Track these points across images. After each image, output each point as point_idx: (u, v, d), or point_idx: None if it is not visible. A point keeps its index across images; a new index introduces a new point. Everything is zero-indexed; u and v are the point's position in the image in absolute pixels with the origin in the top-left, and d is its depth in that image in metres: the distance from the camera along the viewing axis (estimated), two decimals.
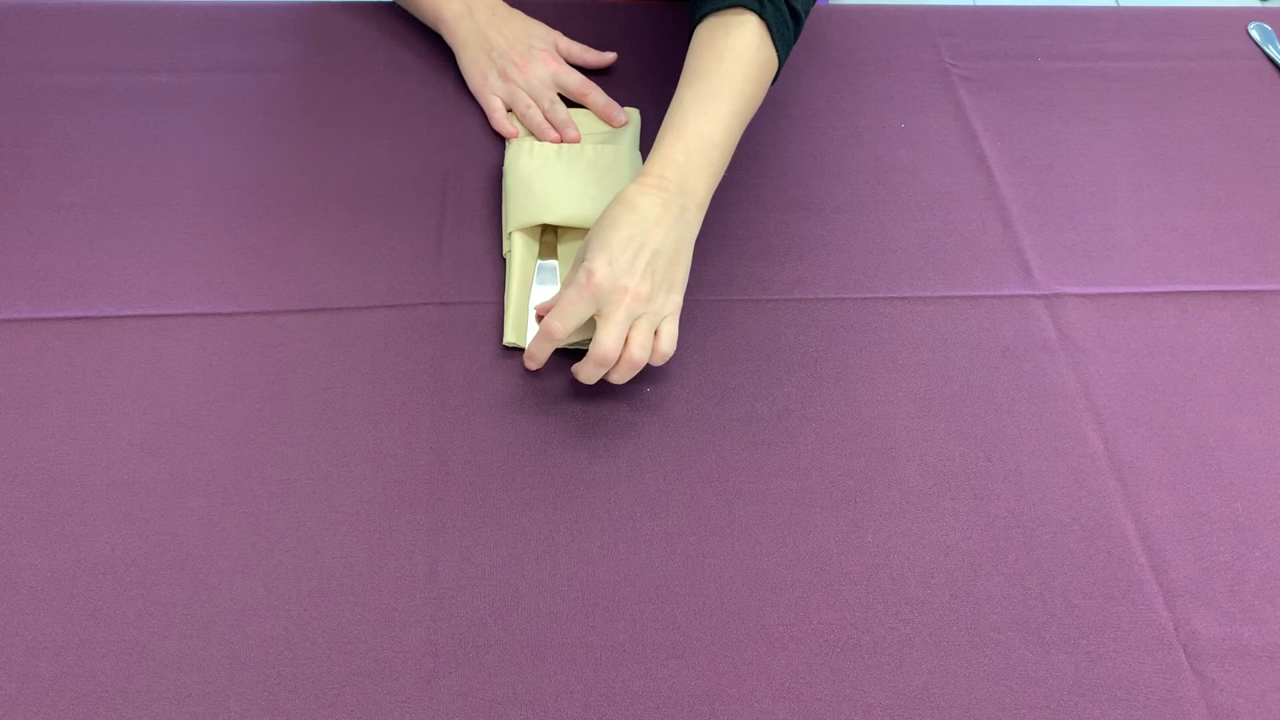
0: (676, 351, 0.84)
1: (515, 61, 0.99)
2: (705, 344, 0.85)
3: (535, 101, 0.98)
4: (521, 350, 0.83)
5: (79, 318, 0.83)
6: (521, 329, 0.83)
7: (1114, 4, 1.37)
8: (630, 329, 0.77)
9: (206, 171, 0.93)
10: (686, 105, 0.84)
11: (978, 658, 0.70)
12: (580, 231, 0.89)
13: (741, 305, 0.88)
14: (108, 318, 0.83)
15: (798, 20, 0.89)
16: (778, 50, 0.87)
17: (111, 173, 0.93)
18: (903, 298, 0.89)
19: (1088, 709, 0.69)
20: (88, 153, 0.94)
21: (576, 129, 0.97)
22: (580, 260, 0.79)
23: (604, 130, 0.98)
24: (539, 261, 0.88)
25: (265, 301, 0.85)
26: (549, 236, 0.90)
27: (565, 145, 0.95)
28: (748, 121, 0.87)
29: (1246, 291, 0.91)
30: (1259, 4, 1.83)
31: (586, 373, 0.78)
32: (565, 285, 0.79)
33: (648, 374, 0.83)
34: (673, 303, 0.80)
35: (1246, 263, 0.93)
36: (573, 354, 0.83)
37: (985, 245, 0.93)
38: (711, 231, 0.92)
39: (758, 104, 0.88)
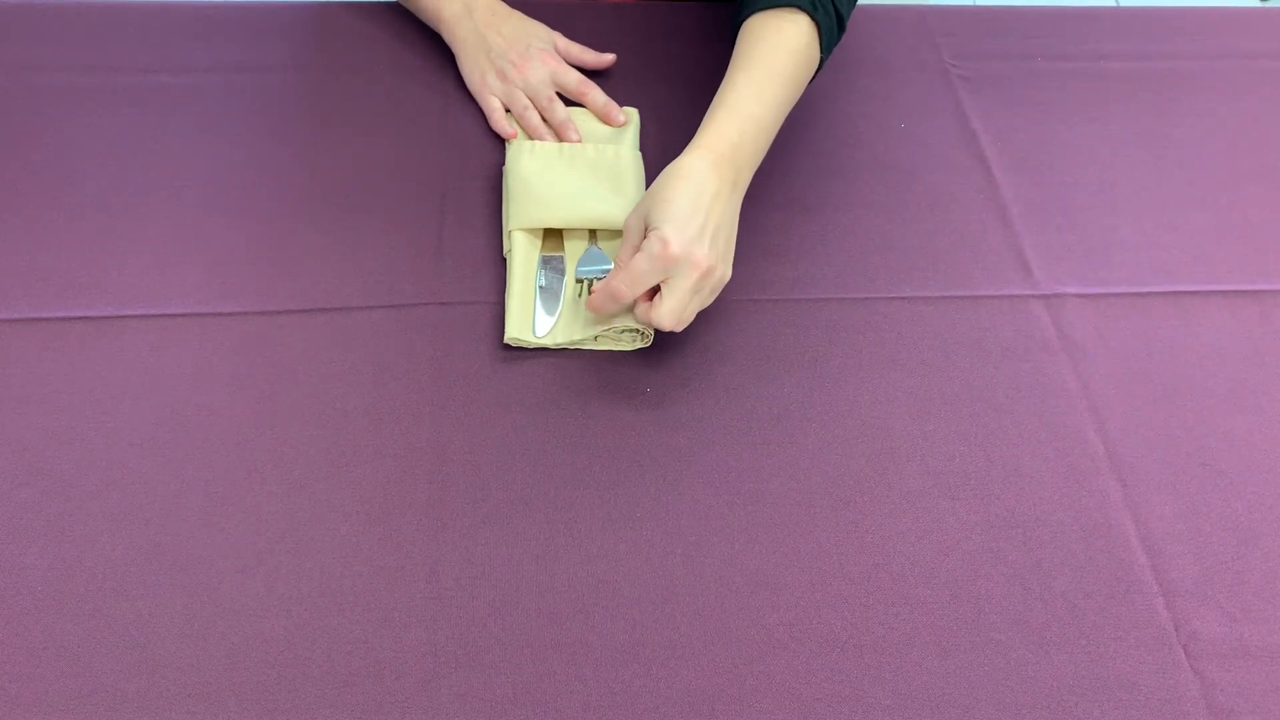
0: (676, 351, 0.84)
1: (513, 61, 0.99)
2: (705, 344, 0.85)
3: (533, 100, 0.98)
4: (522, 350, 0.83)
5: (79, 318, 0.83)
6: (524, 325, 0.83)
7: (1114, 4, 1.37)
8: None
9: (207, 171, 0.93)
10: (740, 87, 0.86)
11: (978, 658, 0.70)
12: (583, 230, 0.90)
13: (741, 305, 0.88)
14: (108, 318, 0.83)
15: (841, 26, 0.92)
16: (822, 52, 0.91)
17: (111, 173, 0.93)
18: (903, 298, 0.89)
19: (1088, 709, 0.68)
20: (88, 153, 0.94)
21: (576, 130, 0.97)
22: (638, 226, 0.80)
23: (605, 130, 0.98)
24: (544, 254, 0.88)
25: (265, 301, 0.85)
26: (552, 232, 0.90)
27: (566, 145, 0.95)
28: (786, 115, 0.90)
29: (1246, 291, 0.91)
30: (1259, 4, 1.83)
31: (636, 319, 0.80)
32: (631, 250, 0.80)
33: (648, 374, 0.83)
34: (727, 277, 0.82)
35: (1246, 263, 0.93)
36: (573, 353, 0.83)
37: (985, 245, 0.93)
38: None
39: (797, 100, 0.91)
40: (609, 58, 1.03)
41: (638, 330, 0.83)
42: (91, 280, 0.85)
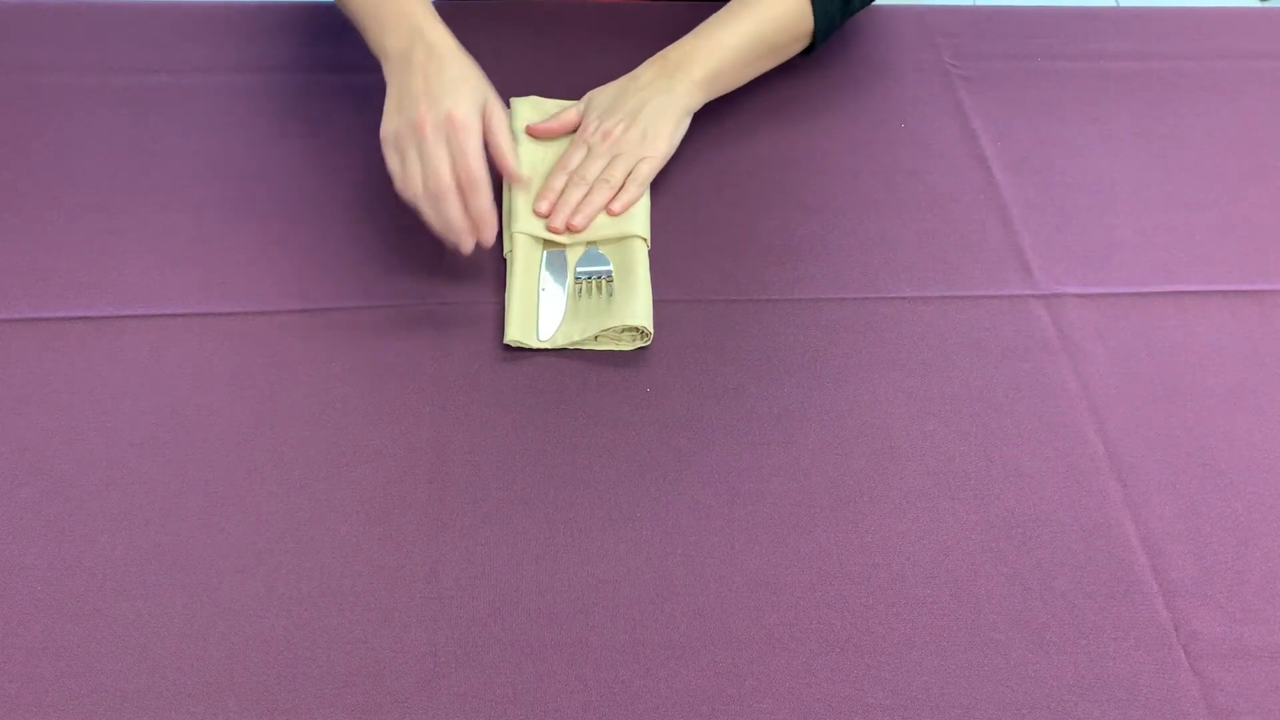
0: (676, 351, 0.84)
1: (415, 121, 0.80)
2: (705, 344, 0.85)
3: (427, 184, 0.81)
4: (523, 350, 0.83)
5: (79, 318, 0.83)
6: (526, 328, 0.83)
7: (1114, 4, 1.37)
8: (607, 165, 0.90)
9: (206, 171, 0.93)
10: (710, 20, 0.96)
11: (978, 658, 0.70)
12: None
13: (741, 305, 0.88)
14: (108, 318, 0.83)
15: (847, 2, 0.97)
16: (816, 18, 0.96)
17: (111, 173, 0.93)
18: (903, 298, 0.89)
19: (1088, 709, 0.68)
20: (88, 153, 0.94)
21: (492, 228, 0.83)
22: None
23: None
24: (548, 252, 0.88)
25: (265, 301, 0.85)
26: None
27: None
28: (763, 62, 0.98)
29: (1246, 291, 0.91)
30: (1259, 4, 1.83)
31: (554, 183, 0.90)
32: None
33: (648, 373, 0.83)
34: (649, 150, 0.90)
35: (1246, 263, 0.93)
36: (573, 353, 0.83)
37: (985, 245, 0.93)
38: (712, 231, 0.92)
39: (778, 55, 0.99)
40: (520, 176, 0.87)
41: (638, 330, 0.83)
42: (91, 280, 0.85)
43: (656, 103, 0.92)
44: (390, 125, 0.83)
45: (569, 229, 0.88)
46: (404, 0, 0.87)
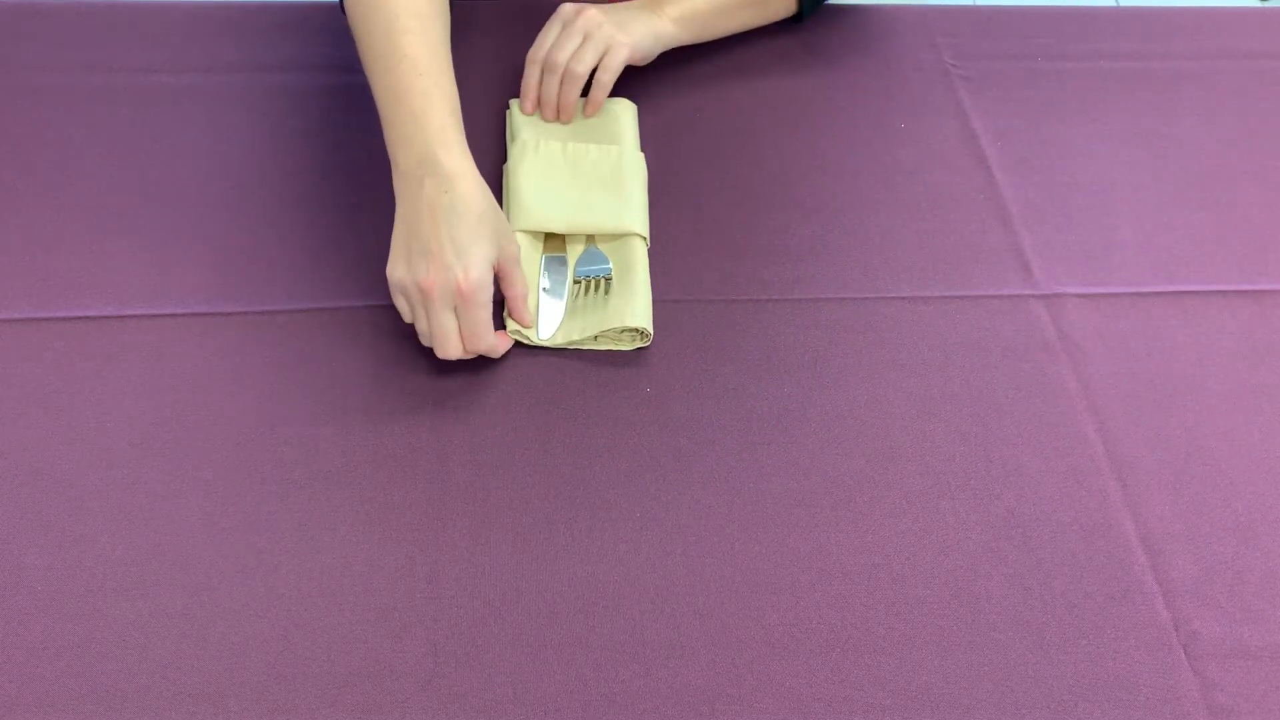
0: (676, 351, 0.84)
1: (426, 281, 0.75)
2: (705, 344, 0.85)
3: (437, 341, 0.78)
4: (523, 347, 0.83)
5: (79, 318, 0.83)
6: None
7: (1114, 4, 1.38)
8: (577, 50, 0.94)
9: (206, 171, 0.93)
10: None
11: (978, 658, 0.70)
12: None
13: (741, 305, 0.88)
14: (108, 318, 0.83)
15: None
16: None
17: (111, 173, 0.93)
18: (903, 298, 0.89)
19: (1088, 709, 0.69)
20: (88, 153, 0.94)
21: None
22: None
23: (608, 130, 0.97)
24: (547, 255, 0.88)
25: (265, 301, 0.85)
26: (554, 234, 0.90)
27: (570, 146, 0.94)
28: (744, 14, 1.04)
29: (1246, 291, 0.91)
30: (1259, 4, 1.83)
31: (530, 79, 0.96)
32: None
33: (648, 373, 0.83)
34: (623, 37, 0.95)
35: (1246, 263, 0.93)
36: (573, 353, 0.83)
37: (985, 245, 0.93)
38: (712, 231, 0.92)
39: (761, 10, 1.04)
40: (505, 345, 0.82)
41: (638, 330, 0.83)
42: (91, 280, 0.85)
43: (633, 13, 0.98)
44: (397, 274, 0.77)
45: (560, 121, 0.96)
46: (422, 102, 0.79)
